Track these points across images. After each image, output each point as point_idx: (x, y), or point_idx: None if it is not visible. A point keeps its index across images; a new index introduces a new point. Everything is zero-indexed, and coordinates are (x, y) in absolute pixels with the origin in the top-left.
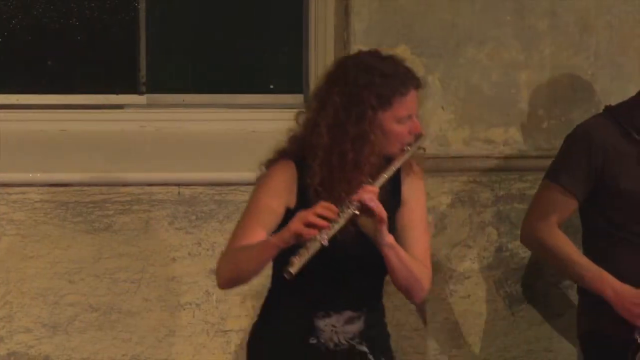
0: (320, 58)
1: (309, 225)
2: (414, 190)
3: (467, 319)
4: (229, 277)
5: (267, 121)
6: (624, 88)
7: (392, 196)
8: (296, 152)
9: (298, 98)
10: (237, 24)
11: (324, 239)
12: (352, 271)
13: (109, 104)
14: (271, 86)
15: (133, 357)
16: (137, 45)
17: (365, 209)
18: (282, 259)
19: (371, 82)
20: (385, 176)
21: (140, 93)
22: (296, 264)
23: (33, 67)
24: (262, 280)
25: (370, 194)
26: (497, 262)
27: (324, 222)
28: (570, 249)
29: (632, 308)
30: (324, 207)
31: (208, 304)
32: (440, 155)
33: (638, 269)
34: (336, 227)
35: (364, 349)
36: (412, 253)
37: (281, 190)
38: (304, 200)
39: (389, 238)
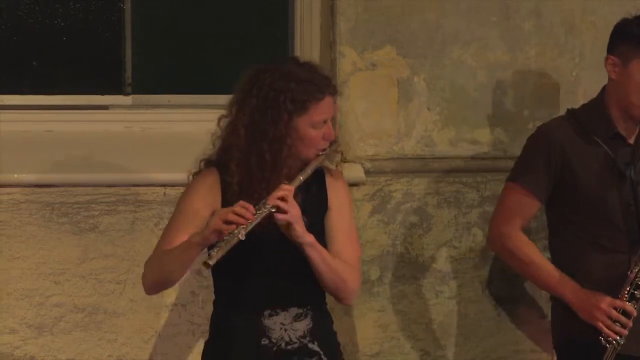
0: (306, 58)
1: (228, 222)
2: (336, 193)
3: (453, 319)
4: (155, 281)
5: None
6: None
7: (319, 200)
8: (218, 156)
9: None
10: (222, 24)
11: (241, 233)
12: (289, 267)
13: (94, 104)
14: None
15: (118, 357)
16: (123, 45)
17: (281, 207)
18: (220, 269)
19: (287, 87)
20: (300, 178)
21: (126, 94)
22: (214, 257)
23: (18, 67)
24: None
25: (285, 192)
26: (483, 263)
27: (241, 219)
28: (532, 253)
29: (591, 310)
30: (241, 206)
31: (194, 305)
32: (426, 156)
33: (600, 268)
34: (254, 223)
35: (316, 348)
36: (340, 256)
37: (204, 194)
38: (228, 202)
39: (308, 237)
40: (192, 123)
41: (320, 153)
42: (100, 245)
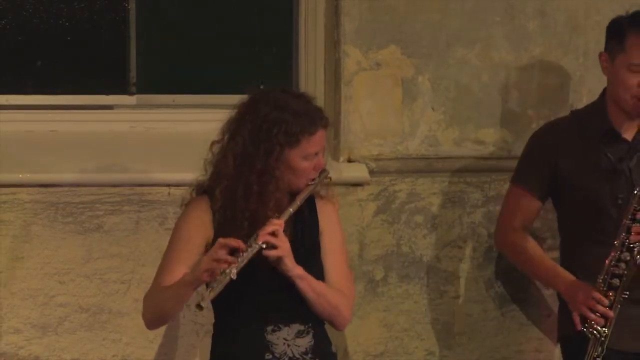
0: (311, 58)
1: (218, 261)
2: (327, 217)
3: (457, 319)
4: (153, 317)
5: None
6: None
7: (311, 224)
8: (209, 183)
9: None
10: (226, 24)
11: (233, 272)
12: (291, 283)
13: (98, 104)
14: (261, 86)
15: (123, 357)
16: (127, 45)
17: (270, 243)
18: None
19: (281, 120)
20: (290, 210)
21: (130, 93)
22: (207, 298)
23: (23, 67)
24: None
25: (275, 227)
26: (487, 263)
27: (231, 258)
28: (532, 249)
29: (576, 298)
30: (232, 243)
31: None
32: (431, 156)
33: (597, 263)
34: (245, 261)
35: None
36: (331, 280)
37: (196, 224)
38: (219, 230)
39: (298, 270)
40: (197, 123)
41: (310, 183)
42: (105, 245)
